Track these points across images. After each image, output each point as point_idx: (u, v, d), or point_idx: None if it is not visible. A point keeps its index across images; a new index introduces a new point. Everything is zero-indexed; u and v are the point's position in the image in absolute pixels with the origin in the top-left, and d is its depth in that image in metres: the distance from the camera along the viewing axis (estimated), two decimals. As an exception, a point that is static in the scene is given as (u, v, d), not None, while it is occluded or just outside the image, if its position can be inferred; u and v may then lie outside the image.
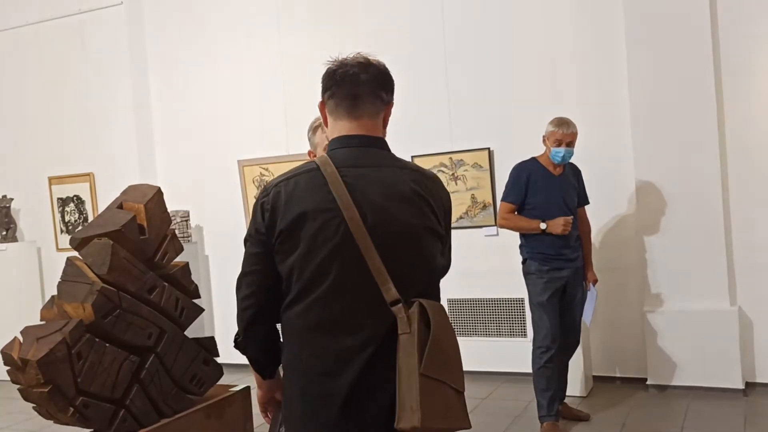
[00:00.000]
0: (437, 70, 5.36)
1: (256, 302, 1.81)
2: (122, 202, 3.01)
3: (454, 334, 1.70)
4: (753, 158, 4.54)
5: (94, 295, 2.68)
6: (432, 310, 1.60)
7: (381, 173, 1.68)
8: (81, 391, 2.65)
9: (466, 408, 1.67)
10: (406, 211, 1.65)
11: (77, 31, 6.59)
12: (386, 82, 1.82)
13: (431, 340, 1.56)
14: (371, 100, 1.76)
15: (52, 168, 6.79)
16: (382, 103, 1.79)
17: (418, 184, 1.70)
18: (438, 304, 1.67)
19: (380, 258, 1.60)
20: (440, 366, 1.58)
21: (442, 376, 1.59)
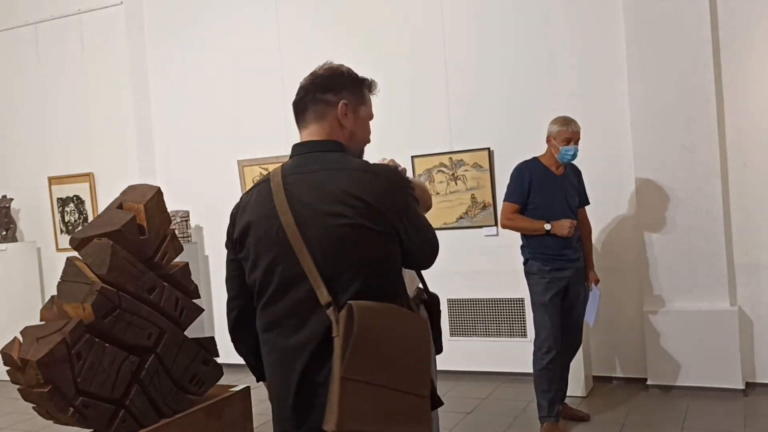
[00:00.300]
0: (437, 70, 5.36)
1: (239, 304, 1.92)
2: (122, 202, 3.01)
3: (408, 333, 1.67)
4: (752, 158, 4.54)
5: (94, 295, 2.68)
6: (362, 311, 1.59)
7: (316, 176, 1.72)
8: (80, 391, 2.65)
9: (427, 411, 1.68)
10: (334, 211, 1.67)
11: (77, 31, 6.59)
12: (331, 83, 1.85)
13: (354, 342, 1.57)
14: (312, 105, 1.83)
15: (52, 168, 6.79)
16: (327, 104, 1.83)
17: (355, 183, 1.69)
18: (375, 304, 1.63)
19: (313, 261, 1.66)
20: (369, 368, 1.59)
21: (373, 378, 1.59)
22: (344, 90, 1.85)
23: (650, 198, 4.67)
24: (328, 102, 1.83)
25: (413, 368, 1.66)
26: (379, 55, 5.56)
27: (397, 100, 5.44)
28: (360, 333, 1.58)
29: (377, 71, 6.08)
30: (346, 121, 1.83)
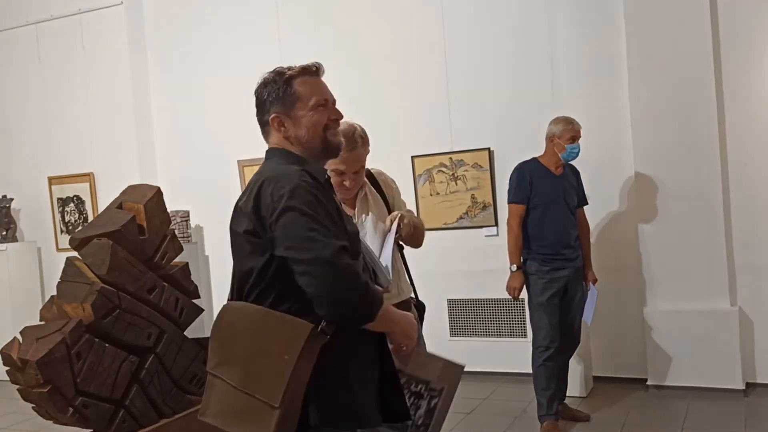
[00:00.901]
0: (437, 70, 5.35)
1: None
2: (122, 203, 3.02)
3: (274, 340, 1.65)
4: (753, 157, 4.54)
5: (94, 295, 2.69)
6: (230, 311, 1.76)
7: (250, 184, 1.84)
8: (80, 392, 2.66)
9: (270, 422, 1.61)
10: (234, 219, 1.83)
11: (77, 30, 6.59)
12: (258, 105, 1.96)
13: (212, 337, 1.77)
14: (261, 129, 1.98)
15: (52, 168, 6.79)
16: (264, 126, 1.94)
17: (252, 190, 1.77)
18: (251, 308, 1.72)
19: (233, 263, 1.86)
20: (220, 362, 1.73)
21: (219, 371, 1.73)
22: (269, 105, 1.91)
23: (650, 197, 4.67)
24: (264, 124, 1.94)
25: (267, 375, 1.64)
26: (380, 56, 5.56)
27: (398, 101, 5.44)
28: (219, 331, 1.74)
29: (377, 72, 6.11)
30: (285, 131, 1.88)
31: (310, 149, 1.87)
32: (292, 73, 1.90)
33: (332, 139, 1.89)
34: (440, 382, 1.89)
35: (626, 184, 4.83)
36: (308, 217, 1.64)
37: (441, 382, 1.89)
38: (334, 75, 6.51)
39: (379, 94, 5.54)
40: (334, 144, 1.91)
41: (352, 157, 2.59)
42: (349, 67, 5.63)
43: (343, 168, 2.58)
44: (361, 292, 1.62)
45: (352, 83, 5.66)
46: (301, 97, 1.87)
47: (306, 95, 1.87)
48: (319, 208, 1.67)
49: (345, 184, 2.60)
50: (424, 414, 1.90)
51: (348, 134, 2.61)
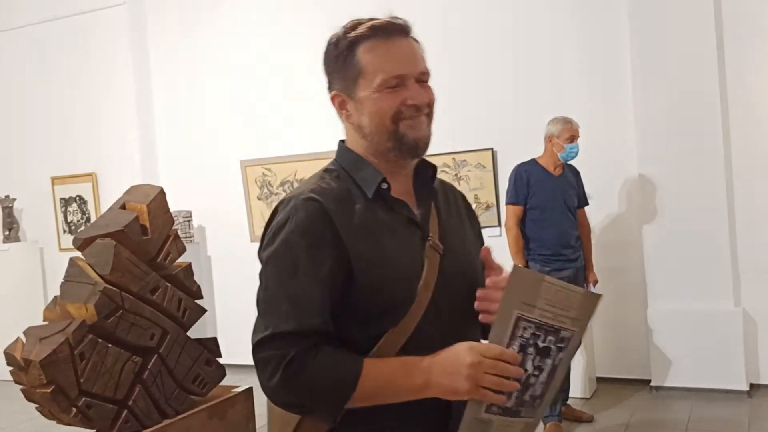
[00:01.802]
0: (440, 69, 5.33)
1: None
2: (125, 203, 3.01)
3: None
4: (757, 158, 4.52)
5: (97, 295, 2.68)
6: None
7: None
8: (83, 392, 2.65)
9: None
10: None
11: (79, 31, 6.60)
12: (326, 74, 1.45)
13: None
14: None
15: (55, 168, 6.79)
16: (332, 104, 1.44)
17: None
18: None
19: None
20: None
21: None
22: (330, 77, 1.43)
23: (654, 198, 4.66)
24: (331, 100, 1.43)
25: None
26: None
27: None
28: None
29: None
30: (348, 116, 1.39)
31: (376, 146, 1.36)
32: (357, 34, 1.39)
33: (407, 133, 1.33)
34: (575, 323, 1.27)
35: (629, 184, 4.82)
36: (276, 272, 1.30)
37: (576, 324, 1.27)
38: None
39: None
40: (410, 140, 1.34)
41: None
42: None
43: None
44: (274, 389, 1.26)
45: (354, 83, 5.66)
46: (364, 70, 1.34)
47: (371, 69, 1.33)
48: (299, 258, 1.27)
49: None
50: (546, 378, 1.28)
51: None
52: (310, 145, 5.77)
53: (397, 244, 1.34)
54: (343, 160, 1.42)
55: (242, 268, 6.22)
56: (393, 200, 1.37)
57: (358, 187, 1.36)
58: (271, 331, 1.25)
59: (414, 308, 1.30)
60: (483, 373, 1.20)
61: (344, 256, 1.28)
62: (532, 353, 1.25)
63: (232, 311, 6.23)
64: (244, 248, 6.14)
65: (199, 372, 3.13)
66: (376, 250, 1.31)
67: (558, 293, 1.25)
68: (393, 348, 1.28)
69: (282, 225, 1.30)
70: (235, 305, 6.22)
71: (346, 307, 1.29)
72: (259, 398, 3.50)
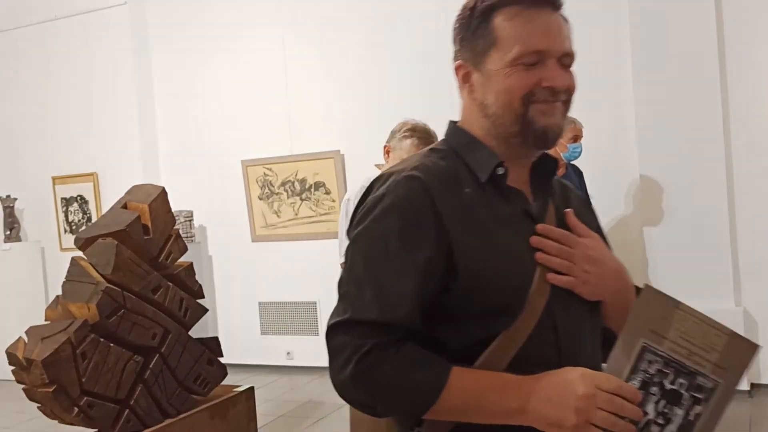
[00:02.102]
0: (440, 71, 5.33)
1: None
2: (126, 202, 3.02)
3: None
4: (759, 156, 4.52)
5: (99, 295, 2.69)
6: None
7: None
8: (85, 391, 2.66)
9: None
10: None
11: (81, 30, 6.60)
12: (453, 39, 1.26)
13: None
14: None
15: (56, 168, 6.79)
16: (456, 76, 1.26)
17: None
18: None
19: None
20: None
21: None
22: (458, 44, 1.23)
23: (654, 197, 4.66)
24: (455, 71, 1.25)
25: None
26: (383, 55, 5.55)
27: (404, 100, 5.43)
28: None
29: (381, 70, 6.11)
30: (471, 91, 1.21)
31: (498, 129, 1.18)
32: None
33: (537, 118, 1.15)
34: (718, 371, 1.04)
35: (631, 185, 4.82)
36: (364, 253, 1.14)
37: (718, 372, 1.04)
38: (338, 74, 6.53)
39: (382, 94, 5.53)
40: (539, 128, 1.15)
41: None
42: (355, 67, 5.63)
43: None
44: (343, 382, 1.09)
45: (356, 83, 5.66)
46: (499, 40, 1.15)
47: (508, 39, 1.14)
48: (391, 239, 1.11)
49: None
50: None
51: (424, 127, 2.62)
52: (311, 145, 5.77)
53: (509, 237, 1.15)
54: (454, 141, 1.24)
55: (243, 268, 6.23)
56: (508, 189, 1.19)
57: (469, 170, 1.18)
58: (349, 315, 1.09)
59: (525, 317, 1.11)
60: (595, 408, 1.00)
61: (445, 243, 1.10)
62: (657, 394, 1.05)
63: (233, 311, 6.24)
64: (246, 248, 6.15)
65: (201, 371, 3.14)
66: (484, 242, 1.12)
67: (695, 327, 1.05)
68: (499, 362, 1.09)
69: (377, 202, 1.15)
70: (236, 305, 6.23)
71: (441, 304, 1.11)
72: (260, 397, 3.51)
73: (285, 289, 6.02)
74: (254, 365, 6.06)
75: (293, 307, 6.02)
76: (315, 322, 5.93)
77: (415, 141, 2.59)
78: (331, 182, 5.70)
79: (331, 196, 5.72)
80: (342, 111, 5.70)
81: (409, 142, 2.60)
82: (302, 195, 5.85)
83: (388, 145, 2.68)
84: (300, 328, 6.00)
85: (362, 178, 2.73)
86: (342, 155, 5.65)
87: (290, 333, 6.02)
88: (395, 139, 2.64)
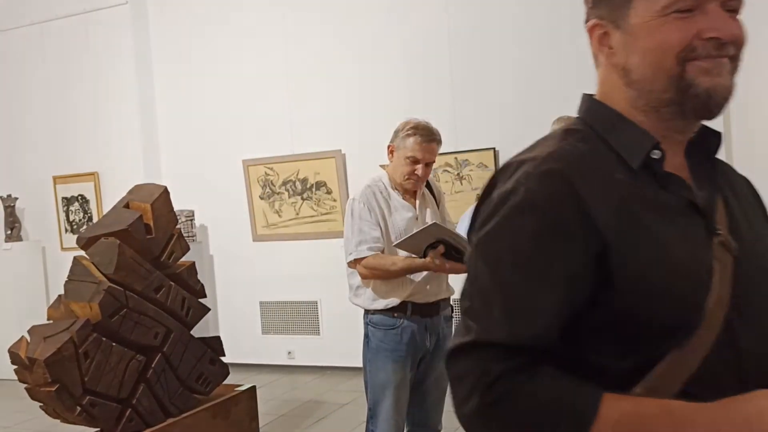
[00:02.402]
0: (442, 70, 5.35)
1: None
2: (129, 202, 3.02)
3: None
4: (761, 156, 4.52)
5: (101, 294, 2.69)
6: None
7: None
8: (88, 391, 2.66)
9: None
10: None
11: (82, 30, 6.60)
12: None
13: None
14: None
15: (57, 167, 6.79)
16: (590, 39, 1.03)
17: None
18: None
19: None
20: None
21: None
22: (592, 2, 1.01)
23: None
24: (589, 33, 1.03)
25: None
26: (384, 54, 5.55)
27: (403, 100, 5.44)
28: None
29: (382, 70, 6.09)
30: (610, 55, 0.99)
31: (647, 98, 0.97)
32: None
33: (699, 79, 0.94)
34: None
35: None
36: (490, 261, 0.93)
37: None
38: (339, 73, 6.50)
39: (383, 93, 5.53)
40: (702, 91, 0.95)
41: (429, 148, 2.61)
42: (355, 67, 5.63)
43: (420, 156, 2.59)
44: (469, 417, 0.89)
45: (357, 82, 5.66)
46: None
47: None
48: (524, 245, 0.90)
49: (417, 173, 2.60)
50: None
51: (426, 125, 2.63)
52: (312, 145, 5.77)
53: (677, 236, 0.93)
54: (592, 118, 1.01)
55: (244, 268, 6.23)
56: (666, 176, 0.96)
57: (615, 154, 0.96)
58: (473, 337, 0.90)
59: (703, 333, 0.89)
60: None
61: (595, 248, 0.89)
62: None
63: (235, 310, 6.24)
64: (247, 247, 6.15)
65: (203, 371, 3.15)
66: (649, 243, 0.91)
67: None
68: (667, 388, 0.88)
69: (505, 198, 0.93)
70: (237, 305, 6.23)
71: (588, 320, 0.90)
72: (261, 397, 3.50)
73: (286, 288, 6.02)
74: (255, 365, 6.06)
75: (294, 307, 6.02)
76: (316, 322, 5.93)
77: (418, 139, 2.59)
78: (332, 182, 5.70)
79: (333, 196, 5.73)
80: (343, 110, 5.70)
81: (412, 140, 2.60)
82: (303, 194, 5.85)
83: (391, 145, 2.68)
84: (301, 328, 6.00)
85: (368, 177, 2.74)
86: (343, 155, 5.65)
87: (291, 332, 6.03)
88: (398, 138, 2.65)
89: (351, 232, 2.59)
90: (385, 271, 2.54)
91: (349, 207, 2.64)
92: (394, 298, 2.58)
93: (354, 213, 2.60)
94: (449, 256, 2.47)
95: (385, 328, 2.61)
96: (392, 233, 2.61)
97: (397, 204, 2.66)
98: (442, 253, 2.45)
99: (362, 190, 2.66)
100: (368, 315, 2.67)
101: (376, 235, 2.56)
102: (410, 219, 2.65)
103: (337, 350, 5.72)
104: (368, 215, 2.58)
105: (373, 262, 2.53)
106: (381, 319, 2.62)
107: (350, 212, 2.62)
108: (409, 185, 2.66)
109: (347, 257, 2.60)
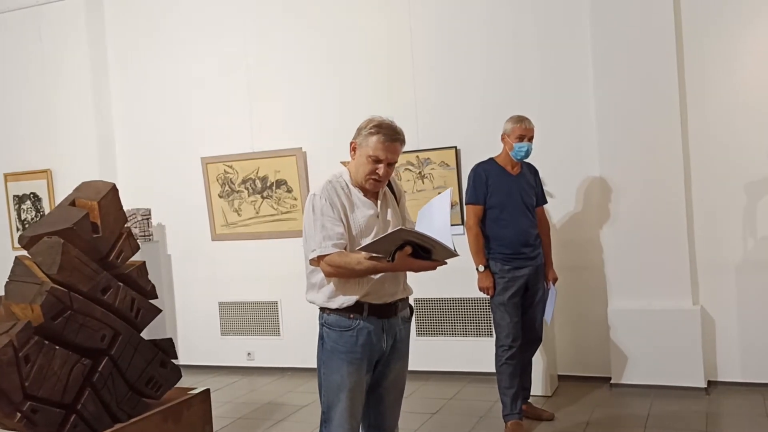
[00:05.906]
0: (404, 68, 5.31)
1: None
2: (75, 199, 2.91)
3: None
4: (715, 157, 4.58)
5: (43, 295, 2.59)
6: None
7: None
8: (28, 396, 2.56)
9: None
10: None
11: (35, 22, 6.40)
12: None
13: None
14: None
15: (8, 164, 6.59)
16: None
17: None
18: None
19: None
20: None
21: None
22: None
23: (614, 197, 4.70)
24: None
25: None
26: (346, 52, 5.50)
27: (364, 98, 5.39)
28: None
29: (344, 68, 6.04)
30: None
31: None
32: None
33: None
34: None
35: (590, 183, 4.85)
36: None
37: None
38: (300, 71, 6.43)
39: (345, 91, 5.48)
40: None
41: (392, 148, 2.56)
42: (316, 64, 5.57)
43: (382, 156, 2.53)
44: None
45: (318, 79, 5.60)
46: None
47: None
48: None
49: (378, 173, 2.54)
50: None
51: (390, 124, 2.58)
52: (273, 143, 5.69)
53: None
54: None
55: (203, 267, 6.12)
56: None
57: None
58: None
59: None
60: None
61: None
62: None
63: (193, 311, 6.12)
64: (205, 247, 6.03)
65: (153, 374, 3.05)
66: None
67: None
68: None
69: None
70: (195, 305, 6.11)
71: None
72: (218, 399, 3.41)
73: (245, 288, 5.93)
74: (214, 366, 5.96)
75: (254, 307, 5.93)
76: (276, 323, 5.85)
77: (381, 138, 2.53)
78: (293, 180, 5.63)
79: (293, 194, 5.65)
80: (304, 108, 5.63)
81: (375, 139, 2.53)
82: (263, 193, 5.77)
83: (354, 142, 2.62)
84: (261, 329, 5.91)
85: (329, 173, 2.68)
86: (304, 153, 5.58)
87: (251, 333, 5.93)
88: (361, 135, 2.58)
89: (313, 228, 2.51)
90: (350, 270, 2.46)
91: (310, 202, 2.57)
92: (350, 295, 2.52)
93: (315, 208, 2.52)
94: (417, 255, 2.43)
95: (341, 329, 2.55)
96: (353, 230, 2.56)
97: (358, 201, 2.60)
98: (409, 254, 2.41)
99: (323, 185, 2.59)
100: (323, 315, 2.61)
101: (339, 231, 2.49)
102: (371, 216, 2.59)
103: (298, 351, 5.65)
104: (330, 211, 2.51)
105: (338, 260, 2.46)
106: (336, 320, 2.56)
107: (311, 208, 2.55)
108: (369, 186, 2.60)
109: (309, 254, 2.53)
